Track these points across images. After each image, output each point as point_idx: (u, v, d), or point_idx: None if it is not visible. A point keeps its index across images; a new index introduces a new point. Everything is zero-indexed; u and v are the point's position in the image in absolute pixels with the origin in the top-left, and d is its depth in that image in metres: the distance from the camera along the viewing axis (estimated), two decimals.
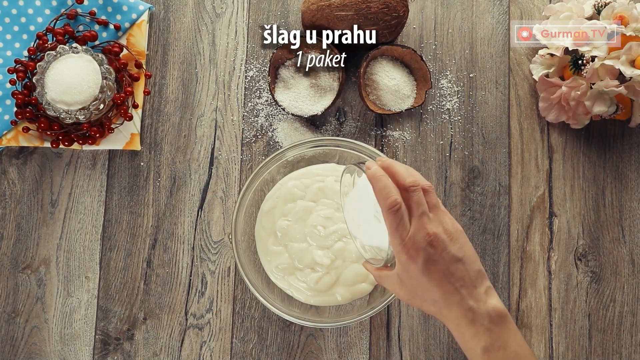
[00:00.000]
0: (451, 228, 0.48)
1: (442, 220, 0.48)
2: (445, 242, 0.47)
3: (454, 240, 0.48)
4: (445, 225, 0.48)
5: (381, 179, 0.48)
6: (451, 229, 0.48)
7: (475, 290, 0.47)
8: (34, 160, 0.74)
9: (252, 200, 0.68)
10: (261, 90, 0.75)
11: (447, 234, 0.47)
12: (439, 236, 0.47)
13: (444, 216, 0.49)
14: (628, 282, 0.72)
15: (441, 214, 0.49)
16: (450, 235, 0.48)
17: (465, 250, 0.48)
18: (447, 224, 0.48)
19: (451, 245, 0.47)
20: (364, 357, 0.70)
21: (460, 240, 0.48)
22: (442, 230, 0.47)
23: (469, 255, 0.48)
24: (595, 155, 0.74)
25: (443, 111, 0.74)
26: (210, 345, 0.71)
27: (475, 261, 0.48)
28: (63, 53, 0.68)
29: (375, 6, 0.67)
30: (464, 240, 0.48)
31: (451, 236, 0.48)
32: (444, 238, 0.47)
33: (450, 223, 0.49)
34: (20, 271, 0.72)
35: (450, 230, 0.48)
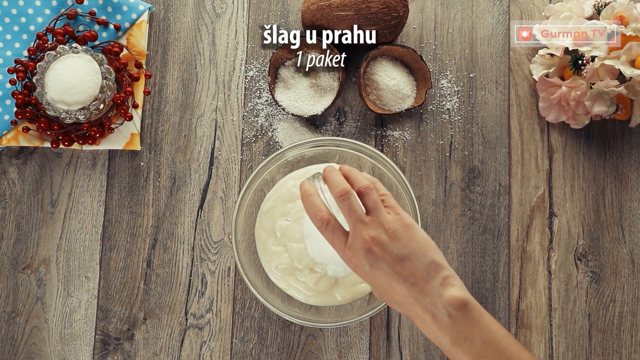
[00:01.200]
0: (393, 226, 0.46)
1: (382, 220, 0.47)
2: (386, 243, 0.46)
3: (396, 238, 0.46)
4: (386, 225, 0.46)
5: (309, 197, 0.48)
6: (393, 226, 0.46)
7: (428, 284, 0.45)
8: (34, 160, 0.74)
9: (252, 200, 0.68)
10: (261, 90, 0.75)
11: (388, 233, 0.46)
12: (378, 239, 0.46)
13: (384, 216, 0.47)
14: (628, 282, 0.72)
15: (380, 215, 0.47)
16: (392, 234, 0.46)
17: (411, 245, 0.46)
18: (388, 223, 0.46)
19: (393, 245, 0.46)
20: (364, 357, 0.70)
21: (403, 236, 0.46)
22: (382, 231, 0.46)
23: (416, 249, 0.46)
24: (595, 155, 0.74)
25: (443, 111, 0.74)
26: (210, 345, 0.71)
27: (424, 254, 0.46)
28: (63, 53, 0.68)
29: (375, 6, 0.67)
30: (411, 234, 0.47)
31: (393, 234, 0.46)
32: (384, 239, 0.46)
33: (393, 220, 0.47)
34: (20, 271, 0.72)
35: (392, 228, 0.46)
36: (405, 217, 0.48)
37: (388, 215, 0.47)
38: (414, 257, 0.46)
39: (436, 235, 0.72)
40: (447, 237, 0.72)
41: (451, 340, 0.44)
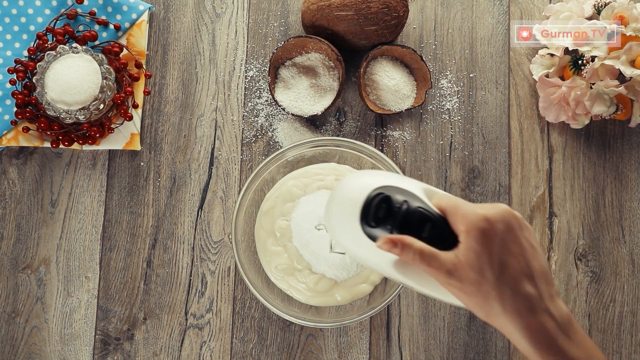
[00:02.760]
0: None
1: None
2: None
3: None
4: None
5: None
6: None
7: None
8: (34, 160, 0.74)
9: (252, 200, 0.68)
10: (261, 90, 0.75)
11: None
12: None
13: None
14: (628, 282, 0.72)
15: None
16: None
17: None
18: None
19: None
20: (364, 357, 0.70)
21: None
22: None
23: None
24: (595, 155, 0.74)
25: (443, 111, 0.74)
26: (210, 345, 0.71)
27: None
28: (63, 53, 0.68)
29: (375, 6, 0.67)
30: None
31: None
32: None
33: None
34: (20, 271, 0.72)
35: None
36: None
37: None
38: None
39: None
40: None
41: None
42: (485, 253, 0.41)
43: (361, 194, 0.45)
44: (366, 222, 0.45)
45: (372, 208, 0.44)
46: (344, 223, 0.46)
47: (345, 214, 0.46)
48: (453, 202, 0.44)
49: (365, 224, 0.45)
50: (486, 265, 0.41)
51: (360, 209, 0.45)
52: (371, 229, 0.45)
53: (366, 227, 0.45)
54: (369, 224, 0.44)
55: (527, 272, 0.41)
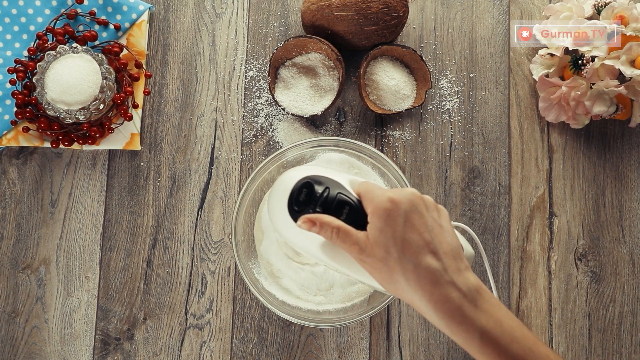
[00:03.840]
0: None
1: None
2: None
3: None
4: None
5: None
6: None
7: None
8: (34, 160, 0.74)
9: (252, 200, 0.68)
10: (261, 90, 0.75)
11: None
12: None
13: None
14: (628, 282, 0.72)
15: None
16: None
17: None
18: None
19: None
20: (364, 357, 0.70)
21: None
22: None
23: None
24: (595, 155, 0.74)
25: (443, 111, 0.74)
26: (210, 345, 0.71)
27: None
28: (63, 53, 0.68)
29: (375, 6, 0.67)
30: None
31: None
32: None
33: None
34: (20, 271, 0.72)
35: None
36: None
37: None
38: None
39: None
40: None
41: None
42: (389, 231, 0.44)
43: (290, 183, 0.51)
44: (291, 208, 0.50)
45: (295, 194, 0.50)
46: (277, 211, 0.52)
47: (277, 202, 0.51)
48: (367, 186, 0.48)
49: (292, 210, 0.50)
50: (390, 242, 0.43)
51: (288, 196, 0.50)
52: (296, 214, 0.49)
53: (293, 212, 0.50)
54: (293, 209, 0.50)
55: (430, 247, 0.43)
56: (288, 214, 0.50)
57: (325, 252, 0.49)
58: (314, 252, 0.50)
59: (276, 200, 0.52)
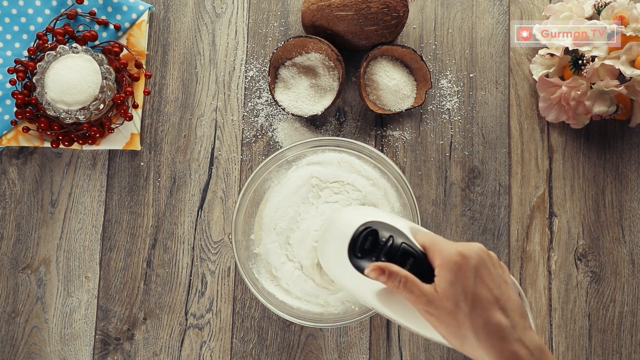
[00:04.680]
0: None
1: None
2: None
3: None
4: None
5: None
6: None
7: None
8: (34, 160, 0.74)
9: (252, 201, 0.68)
10: (261, 90, 0.75)
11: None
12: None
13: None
14: (628, 282, 0.72)
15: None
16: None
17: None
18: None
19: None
20: (364, 357, 0.70)
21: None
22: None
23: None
24: (595, 155, 0.74)
25: (443, 111, 0.74)
26: (210, 345, 0.71)
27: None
28: (63, 53, 0.68)
29: (375, 6, 0.67)
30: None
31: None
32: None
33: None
34: (20, 271, 0.72)
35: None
36: None
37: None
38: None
39: None
40: (447, 237, 0.72)
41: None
42: (459, 284, 0.43)
43: (351, 227, 0.49)
44: (353, 253, 0.48)
45: (360, 240, 0.48)
46: (333, 255, 0.51)
47: (335, 245, 0.50)
48: (432, 238, 0.47)
49: (353, 255, 0.48)
50: (460, 296, 0.43)
51: (349, 241, 0.48)
52: (357, 260, 0.48)
53: (353, 257, 0.48)
54: (356, 255, 0.48)
55: (499, 304, 0.44)
56: (347, 259, 0.48)
57: (382, 300, 0.48)
58: (368, 299, 0.49)
59: (334, 243, 0.50)
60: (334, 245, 0.50)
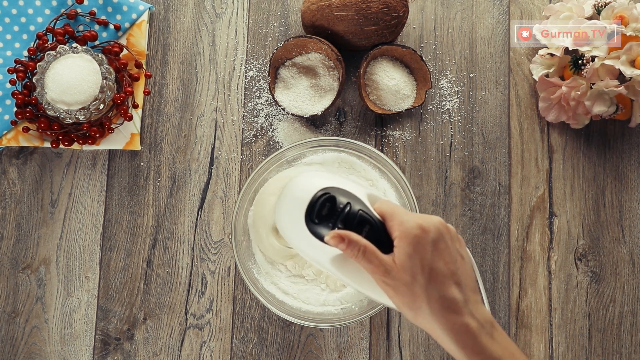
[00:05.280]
0: None
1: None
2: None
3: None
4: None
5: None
6: None
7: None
8: (34, 160, 0.74)
9: (252, 200, 0.68)
10: (261, 90, 0.75)
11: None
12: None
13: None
14: (628, 282, 0.72)
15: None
16: None
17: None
18: None
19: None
20: (364, 357, 0.70)
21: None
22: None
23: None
24: (595, 155, 0.74)
25: (443, 111, 0.74)
26: (210, 345, 0.71)
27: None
28: (63, 53, 0.68)
29: (375, 6, 0.67)
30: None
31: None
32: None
33: None
34: (20, 271, 0.72)
35: None
36: None
37: None
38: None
39: None
40: None
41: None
42: (417, 257, 0.44)
43: (308, 192, 0.49)
44: (310, 219, 0.48)
45: (317, 206, 0.48)
46: (290, 219, 0.50)
47: (292, 210, 0.50)
48: (392, 208, 0.47)
49: (310, 220, 0.48)
50: (417, 269, 0.44)
51: (306, 207, 0.48)
52: (314, 226, 0.48)
53: (310, 223, 0.48)
54: (312, 221, 0.48)
55: (454, 278, 0.45)
56: (304, 224, 0.48)
57: (337, 266, 0.49)
58: (324, 264, 0.49)
59: (291, 207, 0.50)
60: (291, 210, 0.50)
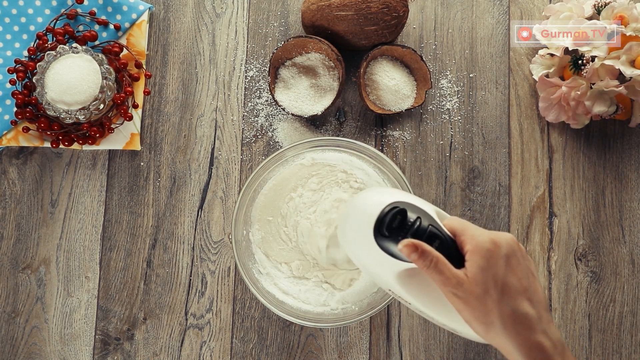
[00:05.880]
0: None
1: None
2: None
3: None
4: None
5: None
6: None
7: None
8: (34, 160, 0.74)
9: (252, 201, 0.68)
10: (261, 90, 0.75)
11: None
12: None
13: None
14: (628, 282, 0.72)
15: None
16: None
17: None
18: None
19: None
20: (364, 357, 0.70)
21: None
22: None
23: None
24: (595, 155, 0.74)
25: (443, 111, 0.74)
26: (210, 345, 0.71)
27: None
28: (63, 53, 0.68)
29: (375, 6, 0.67)
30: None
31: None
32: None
33: None
34: (20, 271, 0.72)
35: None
36: None
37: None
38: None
39: None
40: None
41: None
42: (490, 271, 0.43)
43: (378, 206, 0.48)
44: (379, 231, 0.47)
45: (388, 217, 0.47)
46: (357, 232, 0.50)
47: (359, 223, 0.49)
48: (463, 224, 0.47)
49: (379, 233, 0.47)
50: (490, 283, 0.43)
51: (376, 219, 0.48)
52: (383, 239, 0.47)
53: (379, 236, 0.47)
54: (382, 233, 0.47)
55: (527, 294, 0.44)
56: (372, 237, 0.48)
57: (402, 282, 0.48)
58: (388, 279, 0.49)
59: (358, 220, 0.49)
60: (358, 223, 0.50)
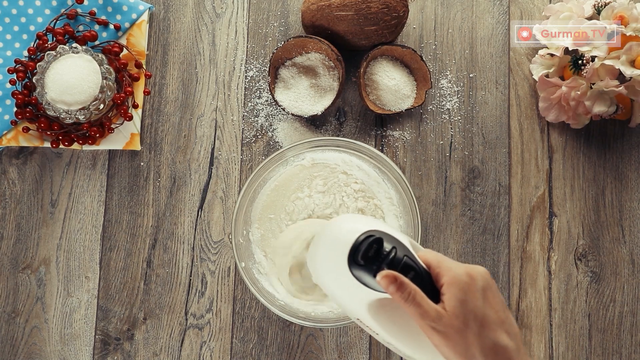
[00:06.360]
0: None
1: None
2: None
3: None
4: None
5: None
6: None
7: None
8: (34, 160, 0.74)
9: (252, 200, 0.68)
10: (261, 90, 0.75)
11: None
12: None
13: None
14: (628, 282, 0.72)
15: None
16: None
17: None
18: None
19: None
20: (364, 357, 0.70)
21: None
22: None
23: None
24: (595, 155, 0.74)
25: (443, 111, 0.74)
26: (210, 345, 0.71)
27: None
28: (63, 53, 0.68)
29: (375, 6, 0.67)
30: None
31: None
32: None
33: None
34: (20, 271, 0.72)
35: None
36: None
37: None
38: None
39: (436, 236, 0.72)
40: (447, 237, 0.72)
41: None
42: (469, 304, 0.43)
43: (352, 234, 0.47)
44: (354, 260, 0.46)
45: (364, 246, 0.46)
46: (330, 259, 0.48)
47: (332, 251, 0.48)
48: (437, 256, 0.47)
49: (353, 262, 0.46)
50: (470, 315, 0.43)
51: (350, 247, 0.46)
52: (356, 267, 0.46)
53: (353, 265, 0.46)
54: (357, 262, 0.46)
55: (505, 326, 0.44)
56: (346, 265, 0.46)
57: (372, 312, 0.47)
58: (358, 309, 0.47)
59: (331, 248, 0.48)
60: (331, 250, 0.48)
